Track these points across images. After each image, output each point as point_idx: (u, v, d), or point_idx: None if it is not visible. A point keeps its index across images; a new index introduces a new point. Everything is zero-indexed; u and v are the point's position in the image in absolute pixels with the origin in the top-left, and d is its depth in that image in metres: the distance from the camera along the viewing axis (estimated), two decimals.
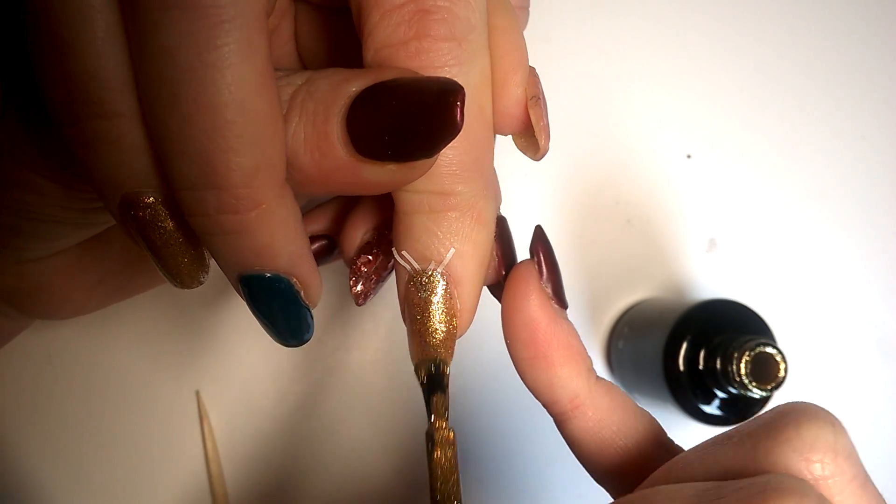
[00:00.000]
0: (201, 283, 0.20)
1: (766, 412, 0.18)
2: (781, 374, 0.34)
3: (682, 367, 0.39)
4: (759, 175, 0.48)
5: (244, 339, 0.42)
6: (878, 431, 0.47)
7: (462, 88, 0.17)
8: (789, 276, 0.48)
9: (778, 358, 0.34)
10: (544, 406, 0.22)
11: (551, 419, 0.22)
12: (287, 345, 0.20)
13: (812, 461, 0.17)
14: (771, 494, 0.15)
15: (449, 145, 0.17)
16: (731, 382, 0.36)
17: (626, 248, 0.46)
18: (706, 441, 0.19)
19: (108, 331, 0.42)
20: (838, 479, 0.17)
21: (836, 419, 0.17)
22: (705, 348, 0.38)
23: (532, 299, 0.21)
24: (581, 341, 0.22)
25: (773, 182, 0.48)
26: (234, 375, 0.42)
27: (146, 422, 0.42)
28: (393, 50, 0.17)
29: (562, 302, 0.22)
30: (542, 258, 0.22)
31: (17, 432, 0.41)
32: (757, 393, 0.35)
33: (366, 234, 0.24)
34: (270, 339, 0.19)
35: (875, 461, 0.50)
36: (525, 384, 0.22)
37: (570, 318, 0.22)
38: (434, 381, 0.20)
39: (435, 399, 0.20)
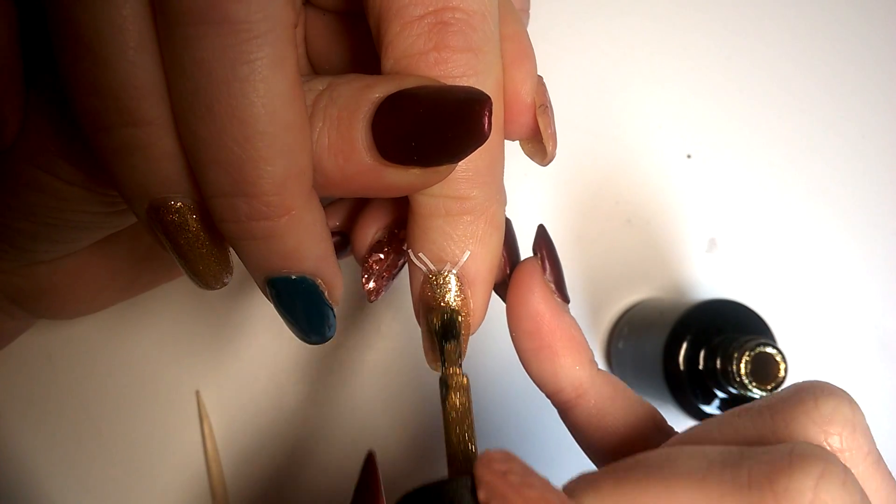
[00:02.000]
0: (225, 284, 0.20)
1: (785, 388, 0.19)
2: (781, 374, 0.34)
3: (682, 367, 0.39)
4: (759, 175, 0.48)
5: (244, 339, 0.42)
6: (878, 431, 0.47)
7: (489, 98, 0.17)
8: (789, 276, 0.48)
9: (778, 358, 0.34)
10: (548, 396, 0.23)
11: (556, 416, 0.23)
12: (310, 342, 0.21)
13: (830, 433, 0.17)
14: (797, 460, 0.15)
15: None
16: (731, 382, 0.36)
17: (626, 248, 0.46)
18: (724, 413, 0.19)
19: (108, 331, 0.41)
20: (855, 453, 0.17)
21: (852, 398, 0.18)
22: (705, 348, 0.38)
23: (536, 293, 0.21)
24: (582, 334, 0.22)
25: (773, 182, 0.48)
26: (234, 375, 0.42)
27: (146, 422, 0.41)
28: (413, 60, 0.18)
29: (564, 296, 0.22)
30: (544, 255, 0.22)
31: (17, 432, 0.40)
32: (757, 393, 0.35)
33: (377, 233, 0.24)
34: (270, 338, 0.19)
35: None
36: (530, 375, 0.22)
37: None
38: (448, 329, 0.21)
39: (448, 347, 0.21)
